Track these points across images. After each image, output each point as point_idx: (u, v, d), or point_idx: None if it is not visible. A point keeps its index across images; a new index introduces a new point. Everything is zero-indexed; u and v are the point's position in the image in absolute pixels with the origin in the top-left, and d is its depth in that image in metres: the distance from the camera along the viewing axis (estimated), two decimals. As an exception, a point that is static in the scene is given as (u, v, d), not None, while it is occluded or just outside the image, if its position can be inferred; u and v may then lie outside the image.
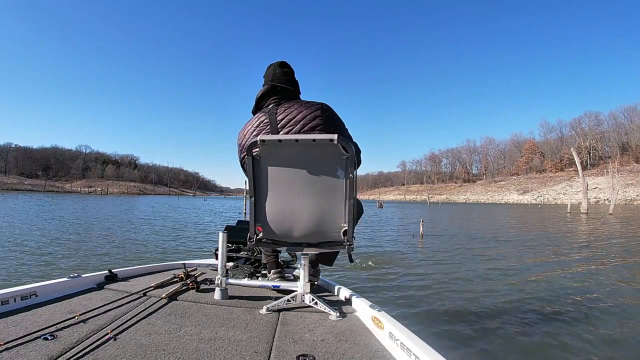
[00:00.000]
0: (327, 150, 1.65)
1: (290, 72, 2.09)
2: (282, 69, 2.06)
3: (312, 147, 1.67)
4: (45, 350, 1.19)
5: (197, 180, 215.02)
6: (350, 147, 1.62)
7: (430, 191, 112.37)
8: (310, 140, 1.64)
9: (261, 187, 1.80)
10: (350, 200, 1.69)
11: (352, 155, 1.63)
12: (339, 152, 1.64)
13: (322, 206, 1.75)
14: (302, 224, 1.79)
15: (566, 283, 5.51)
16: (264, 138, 1.68)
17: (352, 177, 1.66)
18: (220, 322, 1.58)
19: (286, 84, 2.02)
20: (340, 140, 1.59)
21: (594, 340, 3.32)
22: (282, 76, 2.03)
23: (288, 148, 1.70)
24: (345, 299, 1.98)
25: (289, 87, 2.02)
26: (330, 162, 1.68)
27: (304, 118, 1.84)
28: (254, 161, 1.76)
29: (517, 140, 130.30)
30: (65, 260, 6.72)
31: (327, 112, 1.87)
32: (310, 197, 1.76)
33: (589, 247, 9.87)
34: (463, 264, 7.11)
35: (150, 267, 2.54)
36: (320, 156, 1.69)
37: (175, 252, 8.26)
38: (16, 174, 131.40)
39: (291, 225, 1.81)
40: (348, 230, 1.72)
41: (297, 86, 2.10)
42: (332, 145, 1.61)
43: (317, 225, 1.77)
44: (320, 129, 1.83)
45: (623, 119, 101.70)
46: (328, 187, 1.71)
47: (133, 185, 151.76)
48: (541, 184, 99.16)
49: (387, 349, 1.38)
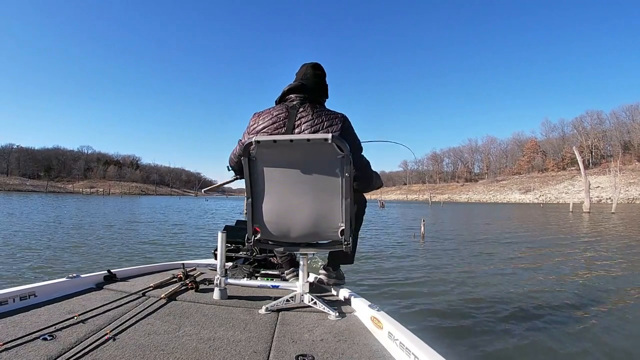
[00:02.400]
0: (323, 150, 1.66)
1: (321, 75, 2.12)
2: (314, 71, 2.09)
3: (307, 147, 1.67)
4: (45, 350, 1.19)
5: (199, 180, 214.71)
6: (345, 146, 1.62)
7: (432, 191, 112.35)
8: (304, 140, 1.64)
9: (258, 187, 1.81)
10: (347, 199, 1.69)
11: (348, 154, 1.63)
12: (334, 152, 1.64)
13: (318, 206, 1.75)
14: (299, 224, 1.80)
15: (569, 284, 5.49)
16: (259, 139, 1.69)
17: (347, 177, 1.66)
18: (219, 322, 1.58)
19: (315, 85, 2.04)
20: (335, 140, 1.60)
21: (595, 341, 3.31)
22: (312, 77, 2.06)
23: (284, 148, 1.70)
24: (344, 298, 1.98)
25: (317, 89, 2.05)
26: (325, 161, 1.68)
27: (321, 123, 1.84)
28: (250, 162, 1.76)
29: (519, 140, 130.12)
30: (64, 261, 6.72)
31: (345, 124, 1.88)
32: (307, 197, 1.76)
33: (592, 247, 9.82)
34: (464, 264, 7.10)
35: (149, 267, 2.55)
36: (316, 156, 1.69)
37: (175, 252, 8.27)
38: (18, 175, 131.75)
39: (289, 225, 1.81)
40: (345, 229, 1.72)
41: (326, 90, 2.14)
42: (327, 144, 1.61)
43: (314, 225, 1.77)
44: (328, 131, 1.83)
45: (625, 117, 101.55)
46: (324, 186, 1.72)
47: (135, 186, 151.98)
48: (543, 183, 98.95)
49: (387, 348, 1.38)
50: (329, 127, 1.82)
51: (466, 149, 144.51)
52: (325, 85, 2.14)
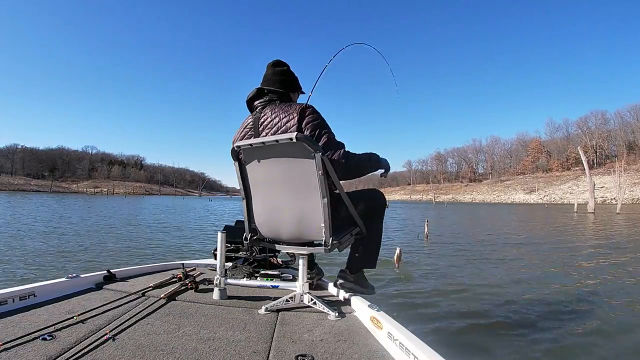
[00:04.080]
0: (293, 150, 1.69)
1: (283, 72, 2.06)
2: (274, 69, 2.05)
3: (279, 149, 1.72)
4: (44, 350, 1.19)
5: (203, 180, 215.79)
6: (314, 144, 1.63)
7: (436, 191, 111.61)
8: (274, 141, 1.68)
9: (249, 189, 1.90)
10: (324, 198, 1.68)
11: (317, 151, 1.63)
12: (305, 150, 1.65)
13: (299, 206, 1.78)
14: (284, 225, 1.85)
15: (572, 286, 5.43)
16: (238, 144, 1.79)
17: (321, 175, 1.66)
18: (219, 322, 1.58)
19: (276, 84, 2.00)
20: (301, 138, 1.61)
21: (597, 342, 3.28)
22: (272, 76, 2.02)
23: (261, 151, 1.77)
24: (344, 299, 1.98)
25: (278, 89, 1.99)
26: (299, 161, 1.70)
27: (280, 121, 1.83)
28: (240, 165, 1.87)
29: (523, 140, 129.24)
30: (63, 261, 6.73)
31: (302, 115, 1.82)
32: (288, 197, 1.82)
33: (598, 248, 9.70)
34: (466, 265, 7.06)
35: (148, 267, 2.56)
36: (289, 156, 1.72)
37: (174, 252, 8.27)
38: (22, 175, 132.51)
39: (278, 225, 1.87)
40: (325, 229, 1.72)
41: (290, 84, 2.07)
42: (296, 144, 1.64)
43: (298, 225, 1.81)
44: (293, 130, 1.79)
45: (629, 117, 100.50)
46: (303, 186, 1.73)
47: (139, 186, 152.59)
48: (547, 184, 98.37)
49: (386, 349, 1.37)
50: (287, 122, 1.81)
51: (470, 149, 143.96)
52: (291, 78, 2.07)
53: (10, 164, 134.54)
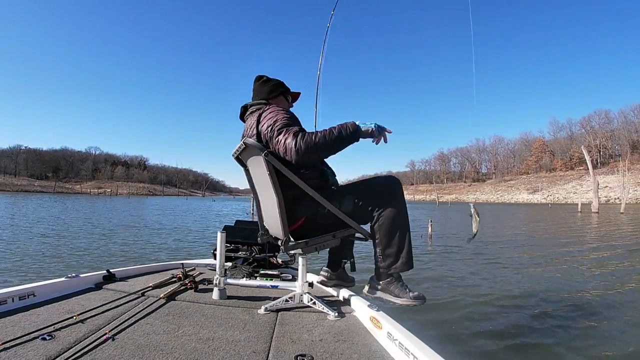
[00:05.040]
0: (252, 154, 1.82)
1: (264, 81, 2.06)
2: (256, 83, 2.09)
3: (246, 155, 1.89)
4: (44, 350, 1.19)
5: (206, 180, 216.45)
6: (257, 146, 1.71)
7: (439, 191, 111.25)
8: (235, 150, 1.89)
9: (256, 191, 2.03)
10: (277, 196, 1.71)
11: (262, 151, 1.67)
12: (256, 152, 1.72)
13: (268, 207, 1.87)
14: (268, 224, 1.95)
15: (575, 286, 5.39)
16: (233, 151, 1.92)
17: (269, 175, 1.69)
18: (218, 322, 1.58)
19: (255, 97, 2.05)
20: (246, 143, 1.76)
21: (598, 342, 3.26)
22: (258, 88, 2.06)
23: (242, 156, 1.93)
24: (343, 298, 1.97)
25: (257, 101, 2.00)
26: (258, 164, 1.77)
27: (246, 129, 1.92)
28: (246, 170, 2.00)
29: (526, 139, 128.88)
30: (63, 260, 6.75)
31: (261, 115, 1.83)
32: (262, 198, 1.96)
33: (603, 249, 9.63)
34: (469, 265, 7.03)
35: (148, 267, 2.56)
36: (252, 161, 1.86)
37: (174, 252, 8.28)
38: (26, 176, 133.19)
39: (268, 224, 1.95)
40: (283, 228, 1.74)
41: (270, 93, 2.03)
42: (249, 148, 1.78)
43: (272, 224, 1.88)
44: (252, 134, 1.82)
45: (633, 116, 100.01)
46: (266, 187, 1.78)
47: (142, 186, 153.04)
48: (551, 183, 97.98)
49: (386, 349, 1.37)
50: (249, 129, 1.88)
51: (473, 148, 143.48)
52: (270, 87, 2.04)
53: (13, 165, 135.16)
